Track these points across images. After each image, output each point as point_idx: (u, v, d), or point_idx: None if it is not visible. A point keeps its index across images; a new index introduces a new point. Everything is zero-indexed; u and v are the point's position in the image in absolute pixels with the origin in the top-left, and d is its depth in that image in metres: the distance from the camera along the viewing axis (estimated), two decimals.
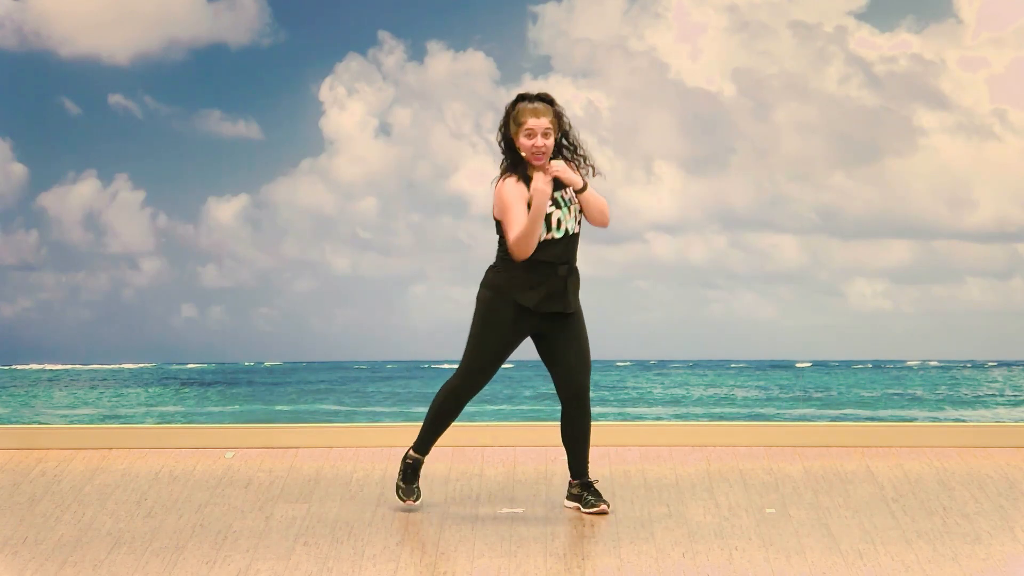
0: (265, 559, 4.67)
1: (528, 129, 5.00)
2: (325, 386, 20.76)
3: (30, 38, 10.03)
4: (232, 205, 11.05)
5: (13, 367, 19.21)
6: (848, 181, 10.44)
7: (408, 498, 5.32)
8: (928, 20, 10.05)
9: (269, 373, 22.09)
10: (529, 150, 5.02)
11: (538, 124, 5.00)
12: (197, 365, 20.72)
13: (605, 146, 9.86)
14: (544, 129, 5.01)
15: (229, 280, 11.18)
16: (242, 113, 10.82)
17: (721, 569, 4.55)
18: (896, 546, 4.81)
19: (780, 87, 9.78)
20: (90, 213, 11.08)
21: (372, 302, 11.55)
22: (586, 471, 5.32)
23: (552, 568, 4.57)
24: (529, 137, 5.01)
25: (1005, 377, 21.09)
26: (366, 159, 11.10)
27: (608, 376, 21.76)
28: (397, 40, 10.58)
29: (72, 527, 5.11)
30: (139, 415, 17.12)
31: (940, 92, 9.92)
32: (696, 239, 11.19)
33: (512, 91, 5.68)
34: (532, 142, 5.01)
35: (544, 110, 5.04)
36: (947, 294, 11.84)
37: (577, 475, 5.32)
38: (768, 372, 21.96)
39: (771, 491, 5.59)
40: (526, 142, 5.01)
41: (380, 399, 19.51)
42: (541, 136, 5.00)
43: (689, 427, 6.60)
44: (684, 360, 22.74)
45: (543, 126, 5.01)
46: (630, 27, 9.95)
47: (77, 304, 11.30)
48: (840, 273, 11.42)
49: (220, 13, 10.43)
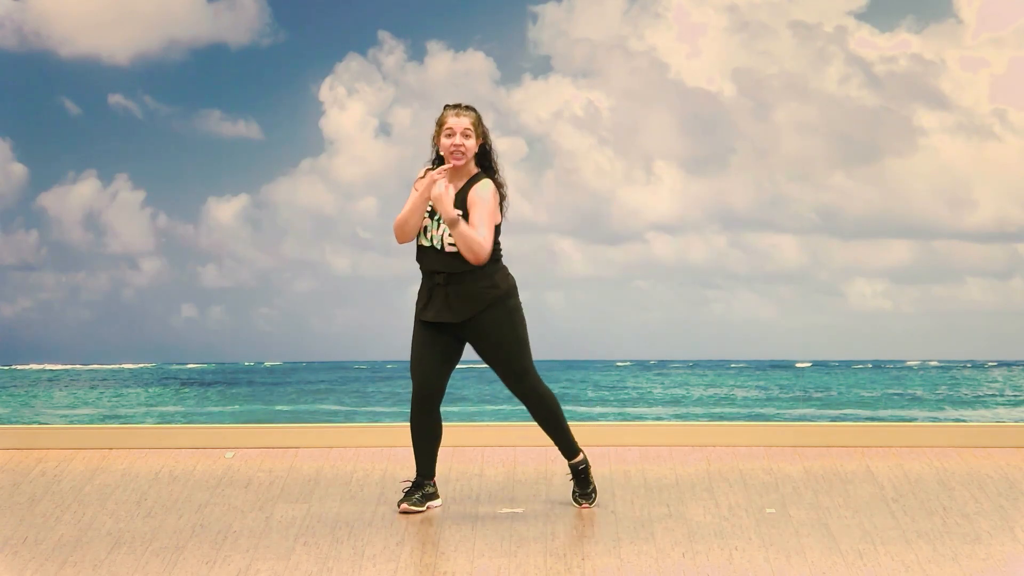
0: (265, 559, 4.67)
1: (448, 128, 5.17)
2: (325, 386, 20.76)
3: (30, 38, 10.03)
4: (232, 205, 11.05)
5: (13, 367, 19.22)
6: (848, 181, 10.44)
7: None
8: (928, 20, 10.05)
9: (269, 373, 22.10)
10: (446, 149, 5.18)
11: (457, 123, 5.17)
12: (197, 365, 20.73)
13: (605, 146, 9.86)
14: (463, 129, 5.17)
15: (229, 280, 11.19)
16: (242, 113, 10.83)
17: (721, 569, 4.54)
18: (896, 546, 4.81)
19: (780, 87, 9.78)
20: (90, 213, 11.09)
21: (372, 302, 11.56)
22: (571, 454, 5.41)
23: (552, 568, 4.57)
24: (448, 136, 5.17)
25: (1005, 377, 21.09)
26: (366, 159, 11.11)
27: (608, 376, 21.76)
28: (397, 40, 10.58)
29: (72, 527, 5.11)
30: (139, 415, 17.11)
31: (940, 92, 9.92)
32: (696, 239, 11.20)
33: (512, 91, 5.72)
34: (451, 141, 5.16)
35: (467, 113, 5.21)
36: (947, 294, 11.84)
37: (566, 457, 5.45)
38: (768, 372, 21.96)
39: (771, 491, 5.59)
40: (445, 141, 5.18)
41: (380, 399, 19.51)
42: (460, 135, 5.17)
43: (689, 427, 6.60)
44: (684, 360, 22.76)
45: (462, 126, 5.17)
46: (630, 27, 9.95)
47: (77, 304, 11.30)
48: (840, 273, 11.42)
49: (220, 13, 10.44)
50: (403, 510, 5.31)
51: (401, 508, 5.31)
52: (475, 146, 5.20)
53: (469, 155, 5.18)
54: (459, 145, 5.15)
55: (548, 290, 11.45)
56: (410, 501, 5.32)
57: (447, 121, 5.18)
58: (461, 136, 5.16)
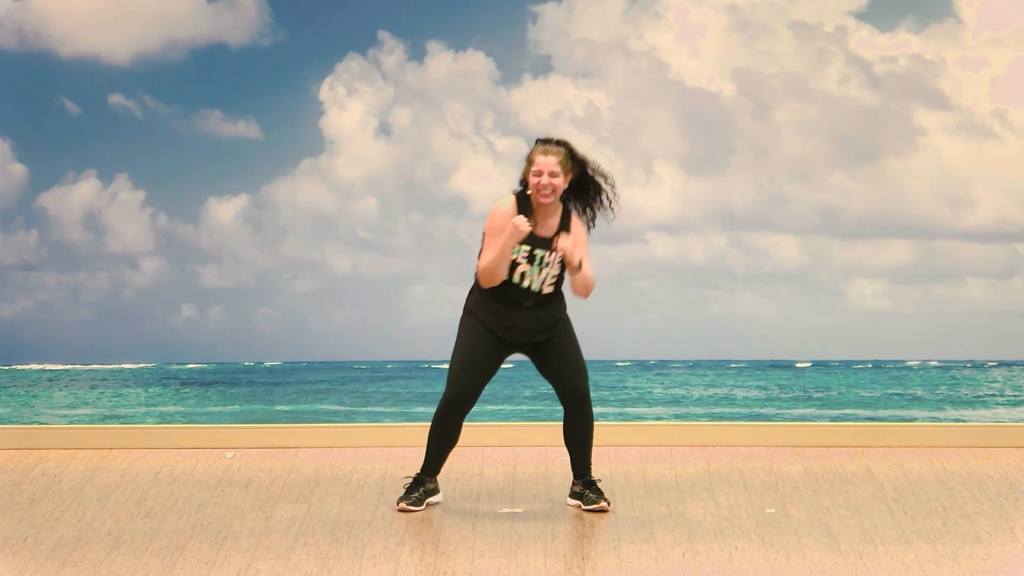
0: (265, 559, 4.67)
1: (536, 168, 5.18)
2: (325, 386, 20.77)
3: (30, 38, 10.04)
4: (232, 205, 11.04)
5: (13, 367, 19.21)
6: (848, 181, 10.44)
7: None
8: (928, 20, 10.05)
9: (269, 373, 22.10)
10: (534, 187, 5.19)
11: (545, 163, 5.18)
12: (197, 365, 20.72)
13: (605, 146, 9.85)
14: (551, 169, 5.17)
15: (229, 280, 11.18)
16: (242, 113, 10.83)
17: (721, 569, 4.55)
18: (896, 546, 4.81)
19: (780, 87, 9.78)
20: (90, 213, 11.09)
21: (372, 302, 11.54)
22: (588, 471, 5.37)
23: (552, 568, 4.57)
24: (536, 176, 5.18)
25: (1005, 377, 21.11)
26: (366, 159, 11.10)
27: (608, 376, 21.77)
28: (397, 40, 10.58)
29: (72, 527, 5.11)
30: (139, 415, 17.12)
31: (940, 92, 9.92)
32: (696, 239, 11.18)
33: (512, 91, 5.75)
34: (538, 180, 5.18)
35: (555, 151, 5.20)
36: (947, 294, 11.84)
37: (579, 475, 5.36)
38: (768, 372, 21.97)
39: (771, 491, 5.59)
40: (533, 180, 5.19)
41: (380, 399, 19.52)
42: (548, 175, 5.17)
43: (689, 427, 6.60)
44: (684, 360, 22.73)
45: (550, 166, 5.17)
46: (630, 27, 9.94)
47: (77, 304, 11.30)
48: (840, 273, 11.41)
49: (220, 13, 10.43)
50: (400, 509, 5.31)
51: (399, 507, 5.32)
52: (564, 183, 5.22)
53: (556, 195, 5.24)
54: (545, 184, 5.20)
55: None
56: (408, 500, 5.33)
57: (536, 160, 5.20)
58: (548, 176, 5.20)
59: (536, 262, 5.24)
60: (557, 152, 5.23)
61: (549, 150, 5.22)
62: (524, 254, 5.20)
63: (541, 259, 5.23)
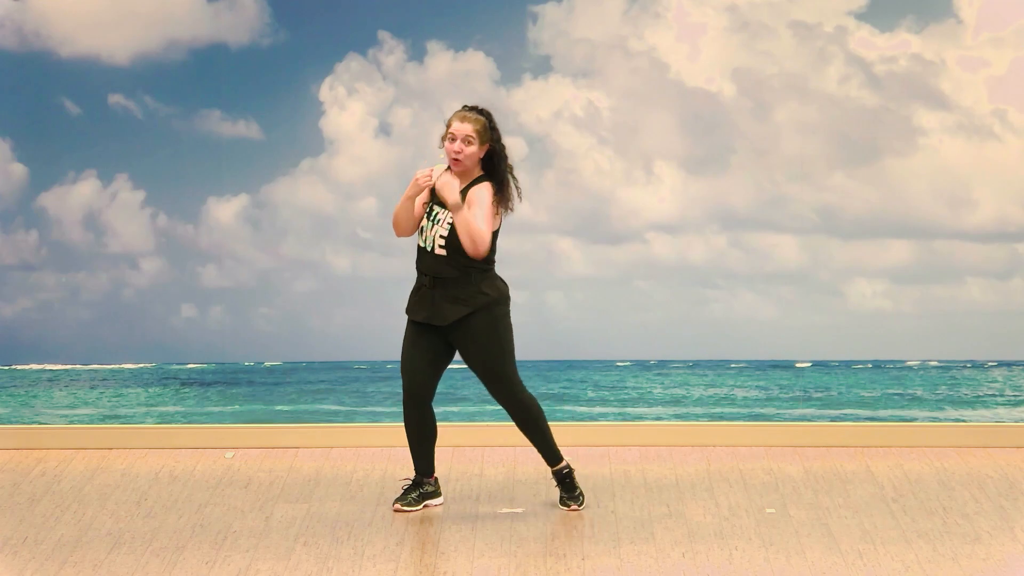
0: (265, 559, 4.67)
1: (450, 133, 5.16)
2: (325, 386, 20.75)
3: (30, 38, 10.03)
4: (232, 205, 11.05)
5: (13, 367, 19.24)
6: (848, 181, 10.45)
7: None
8: (928, 20, 10.05)
9: (269, 373, 22.11)
10: (448, 152, 5.17)
11: (459, 129, 5.15)
12: (197, 365, 20.73)
13: (605, 146, 9.86)
14: (465, 135, 5.14)
15: (229, 280, 11.19)
16: (242, 113, 10.82)
17: (721, 569, 4.55)
18: (896, 546, 4.81)
19: (780, 87, 9.78)
20: (90, 213, 11.09)
21: (372, 302, 11.55)
22: (556, 462, 5.39)
23: (552, 568, 4.57)
24: (451, 141, 5.16)
25: (1005, 377, 21.08)
26: (366, 159, 11.10)
27: (608, 376, 21.77)
28: (397, 40, 10.58)
29: (72, 527, 5.11)
30: (139, 415, 17.10)
31: (940, 92, 9.93)
32: (696, 239, 11.20)
33: (512, 91, 5.76)
34: (451, 146, 5.16)
35: (473, 119, 5.16)
36: (947, 294, 11.84)
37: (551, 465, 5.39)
38: (768, 372, 21.97)
39: (771, 491, 5.59)
40: (448, 145, 5.17)
41: (380, 399, 19.51)
42: (461, 141, 5.14)
43: (689, 427, 6.61)
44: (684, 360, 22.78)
45: (464, 132, 5.14)
46: (630, 27, 9.95)
47: (77, 304, 11.30)
48: (840, 273, 11.41)
49: (220, 13, 10.43)
50: (396, 509, 5.31)
51: (395, 508, 5.32)
52: (477, 152, 5.17)
53: (467, 162, 5.16)
54: (457, 150, 5.15)
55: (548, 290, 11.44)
56: (404, 501, 5.33)
57: (451, 125, 5.17)
58: (462, 142, 5.14)
59: (431, 217, 5.21)
60: (475, 121, 5.17)
61: (467, 116, 5.18)
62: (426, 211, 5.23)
63: (436, 215, 5.20)
